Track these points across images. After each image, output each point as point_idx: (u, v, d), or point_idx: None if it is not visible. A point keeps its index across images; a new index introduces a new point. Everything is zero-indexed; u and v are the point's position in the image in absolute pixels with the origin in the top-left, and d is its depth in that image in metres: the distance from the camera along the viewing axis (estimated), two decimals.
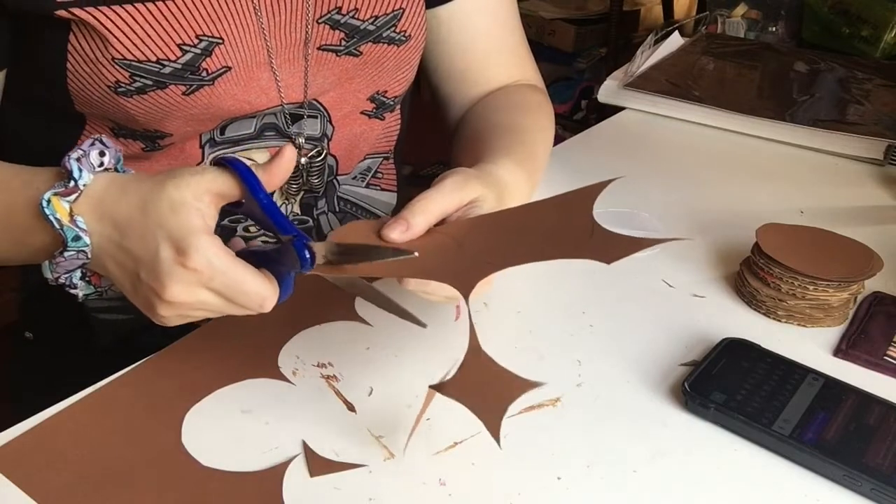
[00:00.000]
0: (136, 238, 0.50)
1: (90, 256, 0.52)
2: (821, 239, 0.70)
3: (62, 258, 0.52)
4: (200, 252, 0.48)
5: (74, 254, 0.52)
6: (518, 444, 0.53)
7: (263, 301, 0.50)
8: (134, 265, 0.50)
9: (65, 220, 0.51)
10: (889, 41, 1.31)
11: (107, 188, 0.52)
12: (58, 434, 0.53)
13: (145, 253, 0.49)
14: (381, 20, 0.70)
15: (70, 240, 0.51)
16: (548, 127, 0.81)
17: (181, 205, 0.49)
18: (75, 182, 0.51)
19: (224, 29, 0.63)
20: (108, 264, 0.52)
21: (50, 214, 0.50)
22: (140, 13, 0.59)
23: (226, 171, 0.51)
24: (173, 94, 0.62)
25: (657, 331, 0.64)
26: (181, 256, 0.48)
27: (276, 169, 0.52)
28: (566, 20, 2.42)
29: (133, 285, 0.51)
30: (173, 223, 0.49)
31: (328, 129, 0.74)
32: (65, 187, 0.51)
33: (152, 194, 0.50)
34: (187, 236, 0.48)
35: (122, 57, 0.60)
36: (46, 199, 0.50)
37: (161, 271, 0.49)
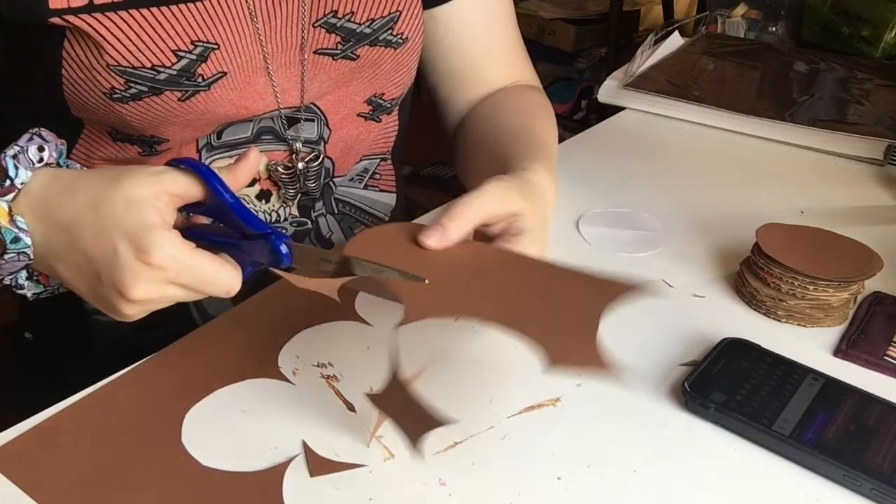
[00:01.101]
0: (90, 238, 0.48)
1: (32, 257, 0.51)
2: (821, 239, 0.70)
3: (2, 260, 0.51)
4: (162, 248, 0.47)
5: (15, 255, 0.50)
6: (518, 444, 0.53)
7: (229, 288, 0.50)
8: (89, 266, 0.49)
9: (4, 221, 0.49)
10: (889, 41, 1.31)
11: (48, 186, 0.50)
12: (58, 434, 0.53)
13: (102, 253, 0.48)
14: (378, 23, 0.70)
15: (9, 241, 0.49)
16: (552, 127, 0.81)
17: (137, 202, 0.48)
18: (11, 181, 0.49)
19: (219, 34, 0.63)
20: (57, 265, 0.51)
21: None
22: (134, 19, 0.59)
23: (186, 173, 0.50)
24: (169, 100, 0.62)
25: (657, 331, 0.64)
26: (142, 254, 0.47)
27: (240, 171, 0.52)
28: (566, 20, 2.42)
29: (90, 286, 0.50)
30: (130, 220, 0.47)
31: (325, 132, 0.74)
32: (1, 187, 0.49)
33: (106, 192, 0.48)
34: (147, 233, 0.47)
35: (117, 63, 0.60)
36: None
37: (122, 271, 0.47)
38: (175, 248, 0.47)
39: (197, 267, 0.48)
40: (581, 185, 0.88)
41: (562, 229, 0.78)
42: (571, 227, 0.79)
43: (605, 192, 0.86)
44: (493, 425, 0.55)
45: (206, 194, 0.50)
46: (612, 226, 0.79)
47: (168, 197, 0.49)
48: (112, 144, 0.67)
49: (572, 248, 0.76)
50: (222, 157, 0.70)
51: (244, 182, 0.52)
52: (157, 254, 0.47)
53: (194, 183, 0.50)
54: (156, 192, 0.48)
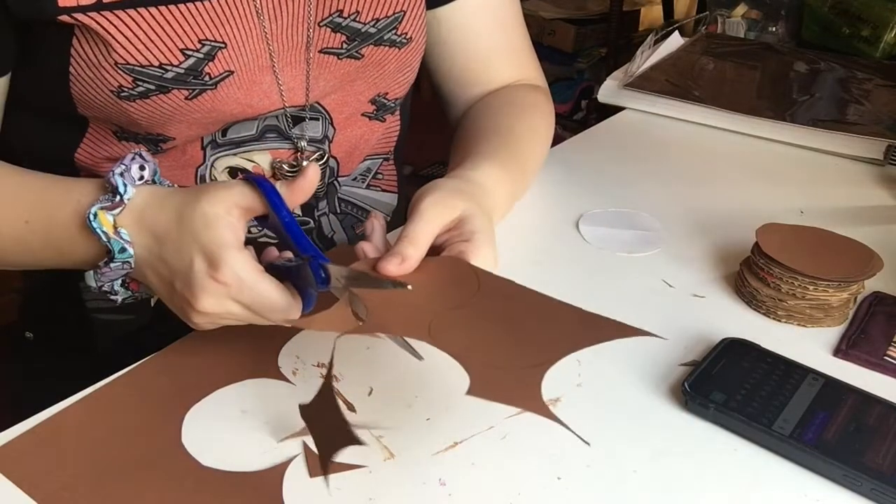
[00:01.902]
0: (173, 249, 0.53)
1: (133, 266, 0.55)
2: (821, 239, 0.70)
3: (108, 268, 0.55)
4: (230, 266, 0.50)
5: (120, 264, 0.55)
6: (518, 444, 0.53)
7: (286, 315, 0.52)
8: (170, 275, 0.53)
9: (110, 232, 0.54)
10: (889, 41, 1.31)
11: (147, 201, 0.55)
12: (58, 434, 0.53)
13: (180, 264, 0.52)
14: (382, 23, 0.70)
15: (117, 252, 0.54)
16: (542, 127, 0.81)
17: (214, 219, 0.51)
18: (121, 196, 0.54)
19: (227, 33, 0.63)
20: (147, 273, 0.55)
21: (97, 228, 0.53)
22: (143, 18, 0.59)
23: (251, 187, 0.53)
24: (176, 99, 0.62)
25: (657, 331, 0.64)
26: (213, 270, 0.50)
27: (298, 188, 0.54)
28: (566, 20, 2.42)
29: (168, 293, 0.54)
30: (207, 237, 0.51)
31: (329, 131, 0.74)
32: (111, 202, 0.54)
33: (187, 208, 0.52)
34: (219, 250, 0.51)
35: (125, 62, 0.60)
36: (93, 213, 0.54)
37: (194, 283, 0.51)
38: (242, 268, 0.51)
39: (257, 289, 0.51)
40: (581, 185, 0.88)
41: (562, 229, 0.78)
42: (571, 227, 0.79)
43: (605, 192, 0.86)
44: (493, 425, 0.55)
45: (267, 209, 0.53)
46: (612, 226, 0.79)
47: (239, 211, 0.52)
48: (117, 143, 0.67)
49: (572, 248, 0.76)
50: (226, 155, 0.70)
51: (302, 198, 0.55)
52: (225, 271, 0.50)
53: (259, 198, 0.53)
54: (227, 207, 0.52)
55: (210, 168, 0.70)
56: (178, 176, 0.70)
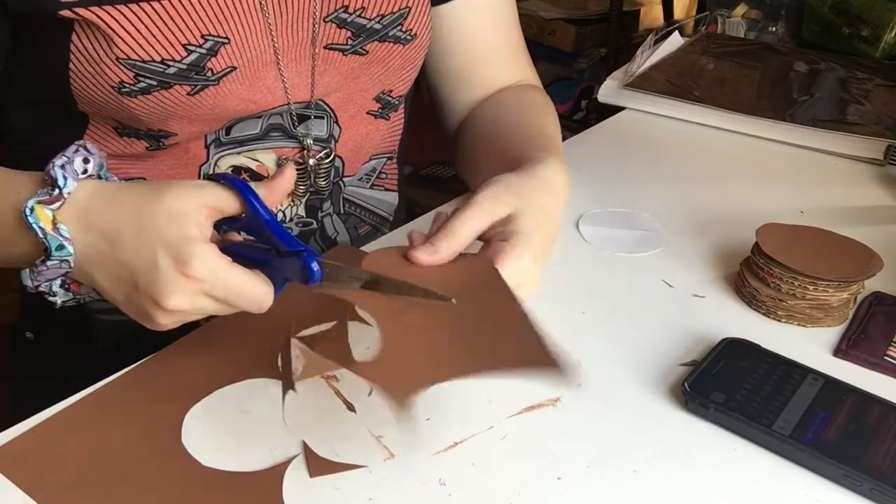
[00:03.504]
0: (130, 248, 0.50)
1: (73, 266, 0.52)
2: (821, 239, 0.70)
3: (44, 266, 0.52)
4: (200, 261, 0.48)
5: (57, 263, 0.51)
6: (518, 444, 0.53)
7: (261, 303, 0.51)
8: (129, 275, 0.50)
9: (48, 228, 0.50)
10: (889, 41, 1.31)
11: (92, 196, 0.51)
12: (58, 434, 0.53)
13: (141, 263, 0.49)
14: (388, 19, 0.70)
15: (54, 249, 0.51)
16: (558, 125, 0.81)
17: (179, 215, 0.49)
18: (60, 190, 0.51)
19: (230, 28, 0.63)
20: (96, 274, 0.52)
21: (33, 223, 0.50)
22: (145, 12, 0.59)
23: (225, 188, 0.51)
24: (178, 95, 0.62)
25: (657, 331, 0.64)
26: (181, 265, 0.48)
27: (276, 187, 0.53)
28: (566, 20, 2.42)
29: (126, 295, 0.51)
30: (171, 232, 0.49)
31: (335, 130, 0.74)
32: (49, 195, 0.50)
33: (149, 204, 0.50)
34: (186, 245, 0.48)
35: (127, 57, 0.59)
36: (30, 207, 0.50)
37: (160, 281, 0.49)
38: (213, 262, 0.49)
39: (231, 280, 0.49)
40: (581, 185, 0.88)
41: (562, 229, 0.78)
42: (571, 227, 0.79)
43: (605, 192, 0.86)
44: (493, 425, 0.55)
45: (242, 209, 0.52)
46: (612, 226, 0.79)
47: (208, 211, 0.50)
48: (118, 139, 0.67)
49: (572, 248, 0.76)
50: (230, 154, 0.70)
51: (280, 197, 0.53)
52: (195, 265, 0.48)
53: (232, 198, 0.51)
54: (197, 206, 0.50)
55: (213, 166, 0.70)
56: (180, 174, 0.70)
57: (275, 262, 0.51)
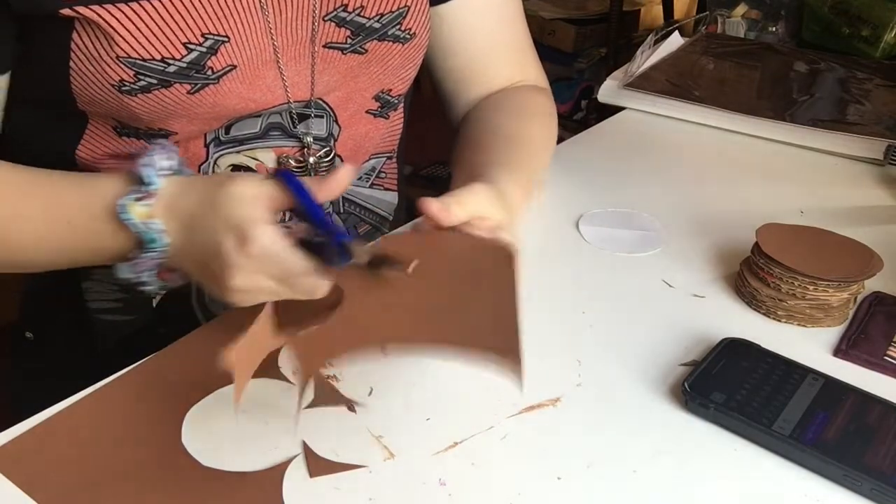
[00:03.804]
0: (203, 232, 0.54)
1: (167, 255, 0.56)
2: (821, 239, 0.70)
3: (142, 259, 0.56)
4: (259, 240, 0.51)
5: (155, 254, 0.56)
6: (518, 444, 0.53)
7: (314, 289, 0.53)
8: (202, 256, 0.54)
9: (142, 223, 0.55)
10: (889, 41, 1.31)
11: (175, 190, 0.56)
12: (58, 434, 0.53)
13: (211, 244, 0.53)
14: (387, 18, 0.70)
15: (150, 241, 0.55)
16: (547, 130, 0.81)
17: (242, 198, 0.53)
18: (150, 186, 0.55)
19: (230, 27, 0.63)
20: (182, 260, 0.57)
21: (129, 219, 0.55)
22: (145, 11, 0.59)
23: (281, 184, 0.54)
24: (178, 93, 0.62)
25: (657, 331, 0.64)
26: (242, 245, 0.51)
27: (326, 185, 0.55)
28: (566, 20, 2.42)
29: (204, 276, 0.55)
30: (235, 215, 0.52)
31: (335, 129, 0.74)
32: (141, 192, 0.55)
33: (218, 190, 0.54)
34: (248, 226, 0.51)
35: (127, 55, 0.60)
36: (123, 204, 0.55)
37: (224, 261, 0.52)
38: (270, 241, 0.51)
39: (286, 262, 0.52)
40: (581, 185, 0.88)
41: (562, 229, 0.78)
42: (571, 227, 0.79)
43: (605, 192, 0.86)
44: (493, 425, 0.55)
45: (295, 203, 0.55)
46: (612, 226, 0.79)
47: (269, 200, 0.53)
48: (117, 139, 0.67)
49: (572, 248, 0.76)
50: (229, 153, 0.70)
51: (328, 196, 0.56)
52: (253, 245, 0.51)
53: (287, 191, 0.54)
54: (257, 193, 0.53)
55: (213, 165, 0.70)
56: None
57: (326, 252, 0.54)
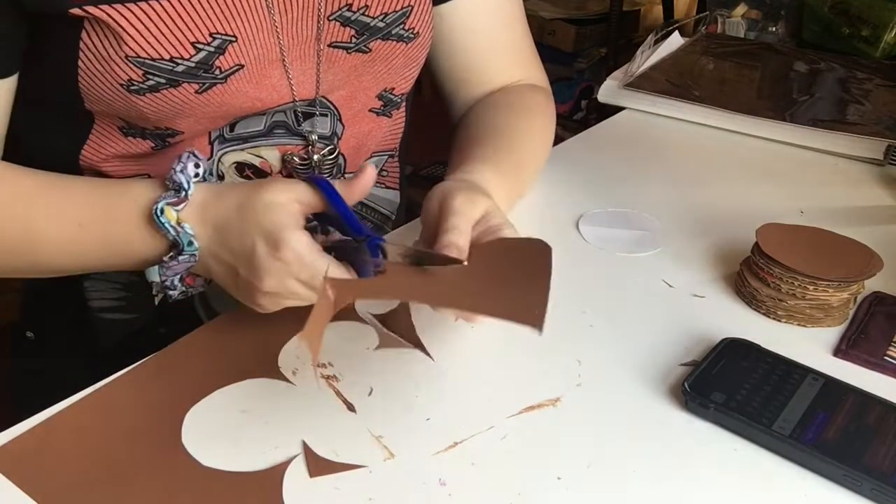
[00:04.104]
0: (235, 237, 0.55)
1: (198, 259, 0.58)
2: (821, 239, 0.70)
3: (175, 262, 0.57)
4: (290, 245, 0.53)
5: (187, 258, 0.57)
6: (518, 444, 0.53)
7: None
8: (233, 261, 0.56)
9: (177, 227, 0.56)
10: (889, 41, 1.31)
11: (206, 196, 0.57)
12: (58, 434, 0.53)
13: (243, 250, 0.55)
14: (391, 17, 0.71)
15: (185, 245, 0.56)
16: (542, 128, 0.81)
17: (275, 206, 0.54)
18: (185, 192, 0.56)
19: (237, 26, 0.63)
20: (211, 264, 0.58)
21: (165, 223, 0.56)
22: (154, 11, 0.59)
23: (310, 186, 0.56)
24: (186, 93, 0.62)
25: (657, 331, 0.64)
26: (274, 250, 0.53)
27: (356, 185, 0.57)
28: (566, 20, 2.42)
29: (234, 280, 0.57)
30: (268, 221, 0.54)
31: (338, 127, 0.74)
32: (176, 197, 0.56)
33: (249, 197, 0.55)
34: (280, 231, 0.53)
35: (136, 55, 0.60)
36: (160, 208, 0.56)
37: (257, 265, 0.54)
38: (301, 247, 0.53)
39: (317, 266, 0.53)
40: (581, 185, 0.88)
41: (562, 229, 0.78)
42: (571, 227, 0.79)
43: (605, 192, 0.86)
44: (493, 425, 0.55)
45: (325, 206, 0.56)
46: (612, 226, 0.79)
47: (299, 206, 0.55)
48: (123, 140, 0.67)
49: (572, 248, 0.76)
50: (234, 150, 0.70)
51: (359, 196, 0.57)
52: (285, 250, 0.53)
53: (318, 196, 0.56)
54: (289, 199, 0.55)
55: (217, 163, 0.70)
56: None
57: (357, 253, 0.56)
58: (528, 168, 0.78)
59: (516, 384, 0.58)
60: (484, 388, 0.58)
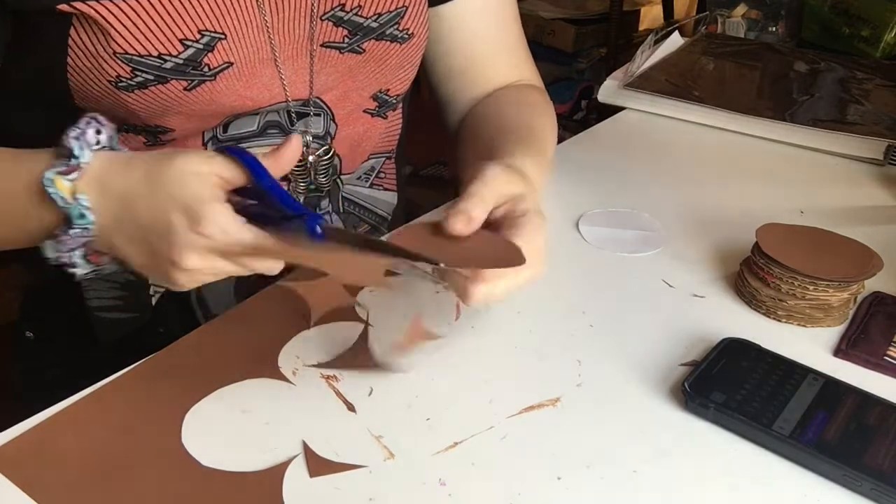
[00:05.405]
0: (145, 210, 0.51)
1: (94, 234, 0.53)
2: (821, 239, 0.70)
3: (67, 236, 0.53)
4: (213, 220, 0.49)
5: (80, 231, 0.52)
6: (518, 444, 0.53)
7: (272, 265, 0.52)
8: (144, 237, 0.51)
9: (69, 198, 0.51)
10: (889, 41, 1.31)
11: (107, 165, 0.53)
12: (58, 434, 0.53)
13: (156, 223, 0.50)
14: (384, 17, 0.70)
15: (76, 217, 0.52)
16: (554, 127, 0.81)
17: (192, 176, 0.50)
18: (77, 160, 0.52)
19: (226, 24, 0.63)
20: (115, 240, 0.53)
21: (53, 193, 0.51)
22: (142, 7, 0.59)
23: (231, 160, 0.52)
24: (174, 89, 0.62)
25: (657, 331, 0.64)
26: (195, 224, 0.49)
27: (282, 157, 0.53)
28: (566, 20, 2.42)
29: (145, 257, 0.52)
30: (185, 192, 0.50)
31: (332, 127, 0.74)
32: (66, 166, 0.52)
33: (160, 167, 0.51)
34: (200, 205, 0.49)
35: (124, 51, 0.60)
36: (49, 178, 0.51)
37: (175, 241, 0.50)
38: (225, 220, 0.49)
39: (244, 241, 0.50)
40: (581, 185, 0.88)
41: (562, 229, 0.78)
42: (571, 227, 0.79)
43: (605, 192, 0.86)
44: (493, 425, 0.55)
45: (249, 180, 0.52)
46: (612, 226, 0.79)
47: (218, 179, 0.51)
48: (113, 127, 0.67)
49: (572, 248, 0.76)
50: None
51: (287, 167, 0.54)
52: (208, 225, 0.49)
53: (239, 168, 0.52)
54: (207, 172, 0.51)
55: None
56: None
57: (284, 225, 0.52)
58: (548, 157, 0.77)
59: (516, 384, 0.58)
60: (484, 388, 0.58)
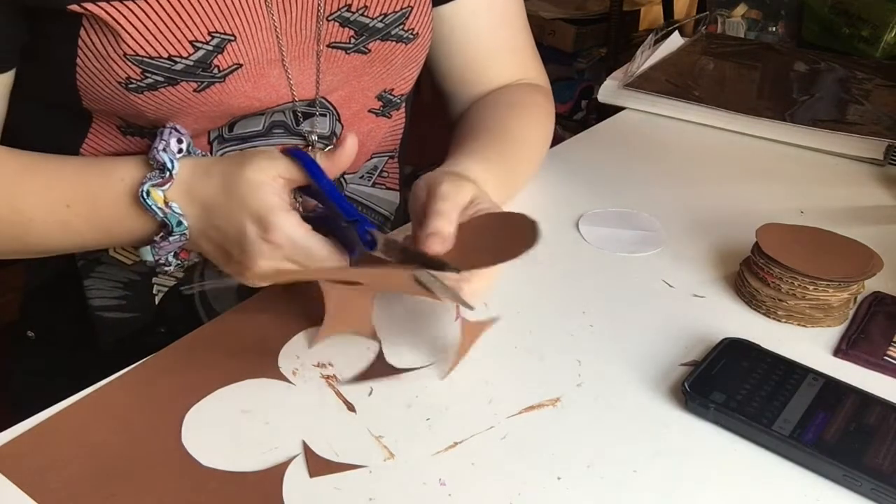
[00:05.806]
0: (223, 216, 0.56)
1: (189, 238, 0.59)
2: (821, 239, 0.70)
3: (167, 242, 0.59)
4: (280, 228, 0.54)
5: (178, 237, 0.58)
6: (518, 444, 0.53)
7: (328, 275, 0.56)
8: (223, 240, 0.57)
9: (165, 208, 0.57)
10: (889, 41, 1.31)
11: (192, 172, 0.58)
12: (58, 434, 0.53)
13: (233, 231, 0.56)
14: (390, 18, 0.71)
15: (174, 226, 0.57)
16: (540, 126, 0.81)
17: (259, 185, 0.55)
18: (169, 172, 0.57)
19: (236, 26, 0.63)
20: (201, 242, 0.59)
21: (153, 205, 0.57)
22: (152, 9, 0.59)
23: (292, 159, 0.56)
24: (184, 91, 0.62)
25: (657, 331, 0.64)
26: (265, 233, 0.54)
27: (337, 157, 0.57)
28: (566, 20, 2.42)
29: (225, 258, 0.58)
30: (255, 202, 0.54)
31: (337, 127, 0.74)
32: (161, 178, 0.57)
33: (233, 176, 0.56)
34: (269, 213, 0.54)
35: (134, 53, 0.60)
36: (146, 190, 0.57)
37: (248, 248, 0.55)
38: (292, 229, 0.54)
39: (310, 249, 0.55)
40: (581, 185, 0.88)
41: (562, 229, 0.78)
42: (571, 227, 0.79)
43: (605, 192, 0.86)
44: (493, 425, 0.55)
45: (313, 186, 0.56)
46: (612, 226, 0.79)
47: (283, 180, 0.56)
48: (122, 138, 0.67)
49: (572, 248, 0.76)
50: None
51: (342, 167, 0.58)
52: (277, 233, 0.54)
53: (301, 170, 0.56)
54: (273, 175, 0.55)
55: None
56: None
57: (341, 230, 0.56)
58: (522, 167, 0.78)
59: (516, 384, 0.58)
60: (484, 388, 0.58)
